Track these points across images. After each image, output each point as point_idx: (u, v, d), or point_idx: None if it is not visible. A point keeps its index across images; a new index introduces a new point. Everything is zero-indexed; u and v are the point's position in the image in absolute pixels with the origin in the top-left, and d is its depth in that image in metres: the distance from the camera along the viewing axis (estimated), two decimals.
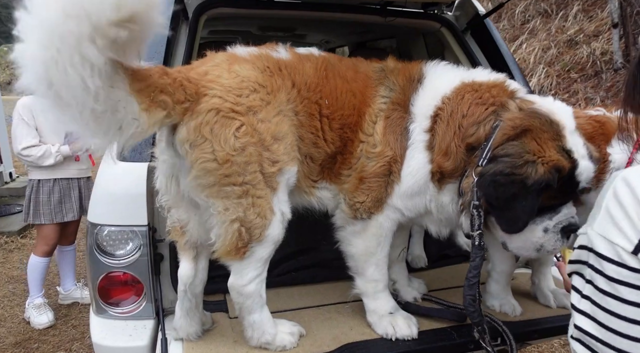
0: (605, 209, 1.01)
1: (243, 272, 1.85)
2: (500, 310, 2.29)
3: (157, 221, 2.17)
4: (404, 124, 1.95)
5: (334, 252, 2.22)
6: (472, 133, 1.80)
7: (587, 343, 1.02)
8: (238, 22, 4.00)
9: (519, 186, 1.68)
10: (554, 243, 1.78)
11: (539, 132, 1.72)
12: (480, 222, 1.76)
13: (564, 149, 1.73)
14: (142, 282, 2.17)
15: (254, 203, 1.75)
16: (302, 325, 2.08)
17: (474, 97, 1.87)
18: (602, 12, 8.86)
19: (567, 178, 1.72)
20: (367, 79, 2.04)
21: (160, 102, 1.57)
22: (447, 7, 3.17)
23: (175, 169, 1.81)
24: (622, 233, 0.96)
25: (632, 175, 0.99)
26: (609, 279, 0.97)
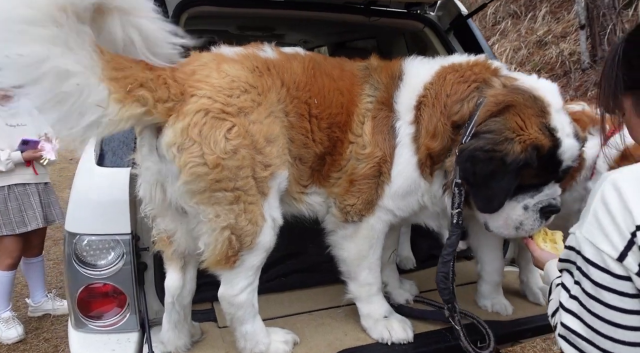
0: (593, 213, 1.01)
1: (234, 281, 1.78)
2: (492, 310, 2.30)
3: (140, 229, 2.07)
4: (390, 123, 1.94)
5: (323, 255, 2.18)
6: (457, 111, 1.79)
7: (572, 341, 1.05)
8: (217, 21, 3.90)
9: (497, 163, 1.67)
10: (533, 222, 1.77)
11: (523, 108, 1.71)
12: (460, 201, 1.75)
13: (548, 126, 1.70)
14: (125, 292, 2.07)
15: (246, 210, 1.68)
16: (295, 333, 2.03)
17: (455, 76, 1.87)
18: (568, 14, 9.16)
19: (549, 156, 1.70)
20: (353, 77, 2.02)
21: (139, 96, 1.50)
22: (430, 7, 3.18)
23: (161, 175, 1.71)
24: (608, 240, 0.97)
25: (621, 179, 0.98)
26: (594, 284, 0.99)
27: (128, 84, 1.47)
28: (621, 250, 0.94)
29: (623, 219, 0.95)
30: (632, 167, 1.01)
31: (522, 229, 1.79)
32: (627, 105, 1.17)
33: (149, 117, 1.56)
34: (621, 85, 1.15)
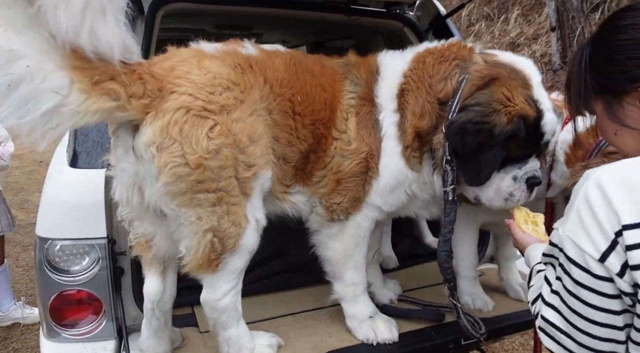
0: (576, 212, 1.01)
1: (216, 285, 1.73)
2: (473, 306, 2.32)
3: (116, 232, 2.00)
4: (373, 117, 1.94)
5: (306, 255, 2.15)
6: (441, 88, 1.84)
7: (551, 333, 1.08)
8: (193, 19, 3.82)
9: (486, 135, 1.71)
10: (521, 193, 1.82)
11: (507, 80, 1.77)
12: (453, 177, 1.78)
13: (532, 98, 1.77)
14: (100, 299, 2.00)
15: (229, 211, 1.63)
16: (280, 336, 2.00)
17: (435, 57, 1.91)
18: (539, 16, 9.43)
19: (533, 128, 1.77)
20: (334, 73, 2.01)
21: (109, 90, 1.43)
22: (409, 7, 3.19)
23: (138, 177, 1.64)
24: (590, 240, 0.97)
25: (605, 178, 0.98)
26: (575, 282, 1.01)
27: (95, 75, 1.40)
28: (603, 250, 0.95)
29: (607, 219, 0.95)
30: (615, 165, 1.01)
31: (511, 200, 1.84)
32: (597, 108, 1.20)
33: (122, 113, 1.49)
34: (590, 90, 1.18)
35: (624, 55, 1.10)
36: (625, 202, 0.93)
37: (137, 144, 1.58)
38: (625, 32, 1.11)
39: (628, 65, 1.09)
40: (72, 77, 1.37)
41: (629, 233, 0.92)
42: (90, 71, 1.40)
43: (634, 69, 1.08)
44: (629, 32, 1.10)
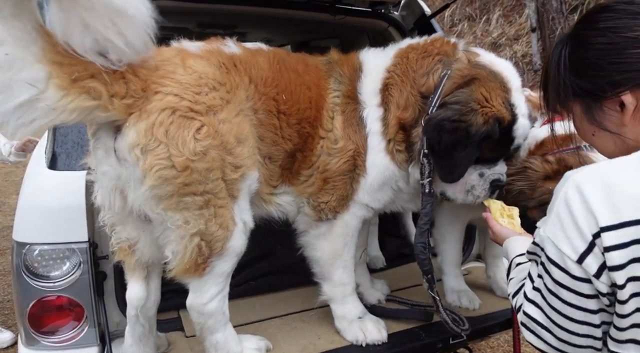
0: (556, 214, 1.03)
1: (203, 289, 1.70)
2: (459, 303, 2.33)
3: (98, 236, 1.94)
4: (357, 115, 1.94)
5: (293, 256, 2.13)
6: (424, 83, 1.86)
7: (532, 328, 1.12)
8: (176, 18, 3.74)
9: (462, 134, 1.74)
10: (481, 190, 1.88)
11: (487, 81, 1.80)
12: (430, 170, 1.82)
13: (509, 101, 1.80)
14: (82, 304, 1.94)
15: (216, 214, 1.60)
16: (268, 338, 1.98)
17: (418, 53, 1.94)
18: (520, 17, 9.57)
19: (506, 131, 1.81)
20: (318, 71, 2.01)
21: (89, 88, 1.38)
22: (394, 6, 3.20)
23: (121, 180, 1.59)
24: (569, 242, 0.99)
25: (584, 181, 0.99)
26: (555, 282, 1.04)
27: (75, 71, 1.35)
28: (581, 252, 0.97)
29: (585, 222, 0.96)
30: (593, 168, 1.03)
31: (471, 193, 1.90)
32: (576, 110, 1.19)
33: (103, 113, 1.44)
34: (570, 92, 1.16)
35: (605, 60, 1.08)
36: (603, 205, 0.95)
37: (119, 146, 1.53)
38: (605, 35, 1.09)
39: (609, 70, 1.08)
40: (50, 72, 1.32)
41: (607, 235, 0.94)
42: (70, 67, 1.35)
43: (615, 74, 1.07)
44: (609, 35, 1.08)
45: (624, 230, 0.93)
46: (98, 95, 1.40)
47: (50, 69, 1.32)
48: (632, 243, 0.93)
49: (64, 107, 1.36)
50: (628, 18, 1.07)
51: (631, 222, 0.93)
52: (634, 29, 1.05)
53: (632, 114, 1.07)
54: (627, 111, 1.07)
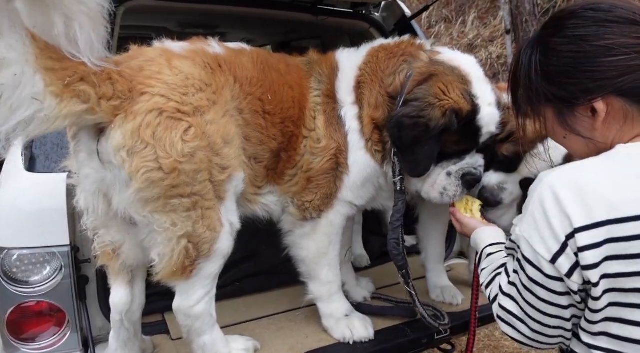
0: (531, 214, 1.06)
1: (190, 291, 1.68)
2: (443, 298, 2.38)
3: (79, 239, 1.90)
4: (336, 114, 1.96)
5: (279, 256, 2.14)
6: (390, 83, 1.89)
7: (507, 320, 1.18)
8: (156, 17, 3.69)
9: (421, 129, 1.76)
10: (455, 188, 1.87)
11: (444, 76, 1.81)
12: (400, 168, 1.85)
13: (469, 93, 1.80)
14: (64, 309, 1.90)
15: (204, 216, 1.59)
16: (255, 339, 1.97)
17: (386, 53, 1.98)
18: (494, 19, 9.79)
19: (468, 122, 1.80)
20: (299, 70, 2.02)
21: (79, 92, 1.35)
22: (375, 8, 3.23)
23: (104, 183, 1.56)
24: (543, 242, 1.03)
25: (558, 183, 1.02)
26: (529, 279, 1.09)
27: (66, 76, 1.32)
28: (554, 252, 1.01)
29: (559, 223, 0.99)
30: (566, 169, 1.06)
31: (446, 194, 1.89)
32: (547, 114, 1.21)
33: (91, 116, 1.42)
34: (542, 97, 1.17)
35: (577, 68, 1.09)
36: (576, 206, 0.98)
37: (103, 148, 1.51)
38: (575, 43, 1.10)
39: (581, 78, 1.09)
40: (46, 80, 1.29)
41: (580, 236, 0.97)
42: (62, 73, 1.32)
43: (587, 82, 1.09)
44: (579, 44, 1.09)
45: (596, 231, 0.97)
46: (87, 98, 1.38)
47: (45, 76, 1.29)
48: (605, 242, 0.97)
49: (59, 115, 1.33)
50: (597, 26, 1.08)
51: (603, 222, 0.96)
52: (604, 37, 1.07)
53: (604, 120, 1.10)
54: (599, 117, 1.10)
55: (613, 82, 1.06)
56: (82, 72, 1.35)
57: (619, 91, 1.07)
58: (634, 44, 1.05)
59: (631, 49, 1.04)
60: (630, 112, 1.08)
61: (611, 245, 0.96)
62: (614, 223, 0.96)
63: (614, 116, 1.09)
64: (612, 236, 0.96)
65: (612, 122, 1.10)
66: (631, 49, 1.05)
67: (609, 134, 1.11)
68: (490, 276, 1.37)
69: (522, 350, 3.46)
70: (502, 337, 3.64)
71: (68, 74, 1.32)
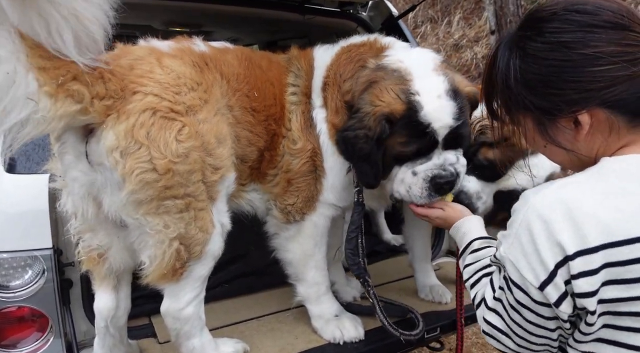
0: (517, 237, 1.00)
1: (179, 294, 1.65)
2: (431, 298, 2.38)
3: (62, 242, 1.85)
4: (310, 115, 1.94)
5: (267, 257, 2.12)
6: (347, 90, 1.82)
7: (493, 335, 1.14)
8: (139, 15, 3.63)
9: (362, 140, 1.70)
10: (420, 190, 1.72)
11: (381, 81, 1.71)
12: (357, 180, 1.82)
13: (406, 91, 1.66)
14: (46, 314, 1.86)
15: (196, 217, 1.56)
16: (245, 341, 1.95)
17: (346, 57, 1.92)
18: (479, 20, 9.90)
19: (410, 121, 1.66)
20: (280, 66, 2.00)
21: (73, 91, 1.31)
22: (362, 7, 3.23)
23: (94, 186, 1.51)
24: (530, 268, 0.98)
25: (545, 205, 0.96)
26: (516, 300, 1.04)
27: (59, 75, 1.27)
28: (542, 280, 0.96)
29: (549, 251, 0.94)
30: (553, 190, 0.99)
31: (411, 193, 1.74)
32: (527, 123, 1.13)
33: (84, 116, 1.37)
34: (521, 105, 1.09)
35: (561, 78, 1.01)
36: (568, 230, 0.92)
37: (93, 149, 1.46)
38: (559, 50, 1.01)
39: (565, 89, 1.01)
40: (39, 80, 1.24)
41: (574, 263, 0.92)
42: (55, 71, 1.27)
43: (572, 93, 1.01)
44: (564, 51, 1.00)
45: (592, 256, 0.91)
46: (81, 98, 1.34)
47: (38, 76, 1.25)
48: (602, 267, 0.91)
49: (54, 116, 1.29)
50: (582, 31, 0.99)
51: (598, 247, 0.90)
52: (591, 44, 0.98)
53: (587, 132, 1.03)
54: (582, 130, 1.03)
55: (599, 94, 0.98)
56: (74, 71, 1.31)
57: (606, 103, 0.99)
58: (622, 52, 0.96)
59: (619, 58, 0.96)
60: (616, 122, 1.01)
61: (608, 269, 0.91)
62: (609, 248, 0.90)
63: (598, 128, 1.03)
64: (608, 261, 0.90)
65: (596, 134, 1.04)
66: (619, 57, 0.96)
67: (592, 145, 1.06)
68: (475, 275, 1.33)
69: None
70: None
71: (61, 73, 1.28)
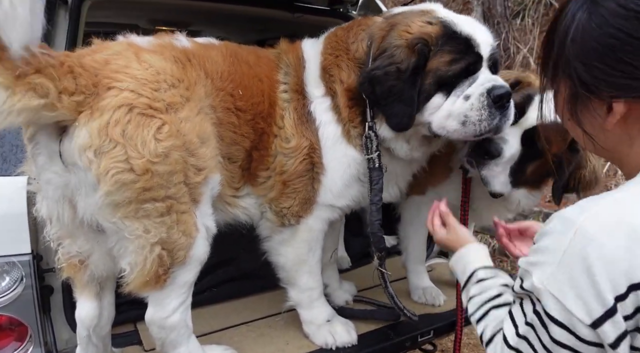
0: (562, 266, 0.87)
1: (164, 301, 1.58)
2: (424, 299, 2.35)
3: (42, 247, 1.77)
4: (306, 109, 1.87)
5: (257, 260, 2.05)
6: (356, 48, 1.82)
7: None
8: (125, 13, 3.55)
9: (393, 76, 1.66)
10: (479, 111, 1.62)
11: (404, 21, 1.75)
12: (377, 143, 1.77)
13: (434, 17, 1.71)
14: (25, 323, 1.78)
15: (179, 220, 1.49)
16: (234, 347, 1.90)
17: (342, 30, 1.94)
18: None
19: (447, 39, 1.65)
20: (269, 62, 1.94)
21: (35, 84, 1.24)
22: (352, 5, 3.20)
23: (69, 188, 1.44)
24: (582, 303, 0.85)
25: (601, 228, 0.84)
26: (553, 340, 0.91)
27: (17, 67, 1.20)
28: (597, 317, 0.84)
29: (609, 282, 0.82)
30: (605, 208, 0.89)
31: (469, 122, 1.64)
32: (561, 89, 1.04)
33: (51, 112, 1.30)
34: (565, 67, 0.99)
35: (616, 55, 0.90)
36: (632, 255, 0.81)
37: (66, 149, 1.39)
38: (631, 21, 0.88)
39: (615, 69, 0.91)
40: None
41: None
42: (12, 62, 1.20)
43: (619, 76, 0.91)
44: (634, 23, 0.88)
45: None
46: (45, 93, 1.26)
47: None
48: None
49: (10, 109, 1.21)
50: None
51: None
52: None
53: (616, 123, 0.95)
54: (612, 119, 0.95)
55: None
56: (37, 64, 1.24)
57: None
58: None
59: None
60: None
61: None
62: None
63: (629, 122, 0.94)
64: None
65: (625, 128, 0.95)
66: None
67: (615, 139, 0.98)
68: (482, 308, 1.20)
69: None
70: None
71: (18, 63, 1.20)
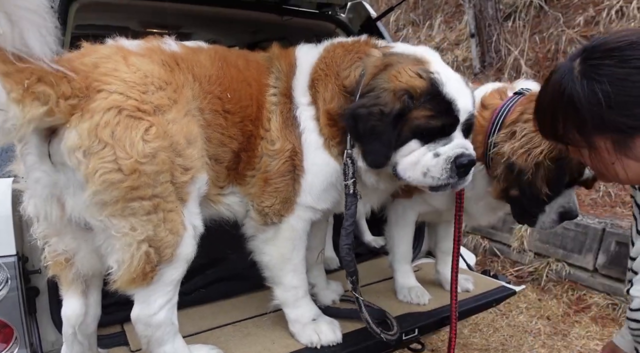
0: None
1: (150, 299, 1.60)
2: (410, 299, 2.38)
3: (27, 248, 1.79)
4: (292, 114, 1.91)
5: (244, 261, 2.07)
6: (347, 75, 1.85)
7: None
8: (114, 16, 3.56)
9: (376, 117, 1.71)
10: (441, 171, 1.73)
11: (398, 63, 1.78)
12: (353, 170, 1.81)
13: (425, 70, 1.74)
14: (10, 325, 1.79)
15: (165, 219, 1.51)
16: (220, 347, 1.90)
17: (342, 49, 1.95)
18: (460, 23, 10.02)
19: (432, 96, 1.71)
20: (259, 66, 1.96)
21: (39, 93, 1.27)
22: (341, 9, 3.23)
23: (57, 187, 1.47)
24: None
25: None
26: None
27: (24, 78, 1.23)
28: None
29: None
30: None
31: (429, 175, 1.75)
32: (599, 143, 1.26)
33: (50, 117, 1.33)
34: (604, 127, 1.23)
35: None
36: None
37: (56, 149, 1.41)
38: None
39: None
40: (6, 87, 1.20)
41: None
42: (19, 75, 1.23)
43: None
44: None
45: None
46: (47, 100, 1.29)
47: (4, 83, 1.20)
48: None
49: (23, 122, 1.25)
50: None
51: None
52: None
53: None
54: None
55: None
56: (38, 73, 1.27)
57: None
58: None
59: None
60: None
61: None
62: None
63: None
64: None
65: None
66: None
67: None
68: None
69: (489, 346, 3.51)
70: (470, 334, 3.70)
71: (25, 76, 1.24)
